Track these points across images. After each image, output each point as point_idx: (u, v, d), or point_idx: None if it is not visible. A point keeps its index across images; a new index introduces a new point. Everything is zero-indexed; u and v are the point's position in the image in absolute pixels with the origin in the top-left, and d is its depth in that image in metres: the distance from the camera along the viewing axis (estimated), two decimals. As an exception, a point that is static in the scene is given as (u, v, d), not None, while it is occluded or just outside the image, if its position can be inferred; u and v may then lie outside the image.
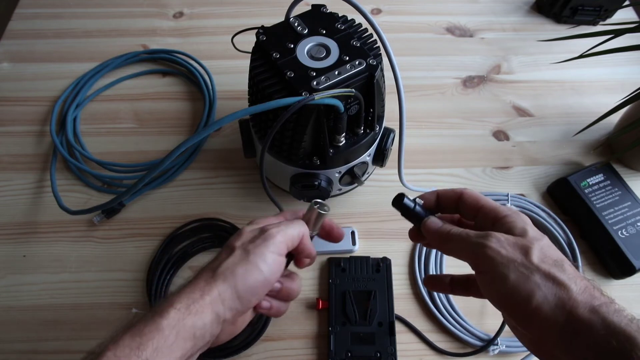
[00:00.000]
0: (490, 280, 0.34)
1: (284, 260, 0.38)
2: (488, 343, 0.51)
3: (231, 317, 0.35)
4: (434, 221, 0.39)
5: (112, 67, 0.74)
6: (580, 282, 0.32)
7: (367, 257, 0.56)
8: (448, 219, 0.40)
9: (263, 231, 0.37)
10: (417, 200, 0.40)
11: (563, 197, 0.62)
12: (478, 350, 0.52)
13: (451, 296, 0.55)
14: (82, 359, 0.31)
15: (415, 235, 0.41)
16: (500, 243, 0.34)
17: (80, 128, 0.68)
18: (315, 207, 0.41)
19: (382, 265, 0.56)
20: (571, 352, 0.30)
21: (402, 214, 0.40)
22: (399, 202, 0.40)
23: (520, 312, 0.32)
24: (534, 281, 0.32)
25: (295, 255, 0.41)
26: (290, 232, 0.38)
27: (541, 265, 0.32)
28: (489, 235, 0.34)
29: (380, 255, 0.57)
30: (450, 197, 0.39)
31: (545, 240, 0.35)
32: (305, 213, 0.42)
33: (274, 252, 0.36)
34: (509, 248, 0.33)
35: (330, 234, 0.44)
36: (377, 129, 0.54)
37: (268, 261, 0.36)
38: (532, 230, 0.35)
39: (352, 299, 0.53)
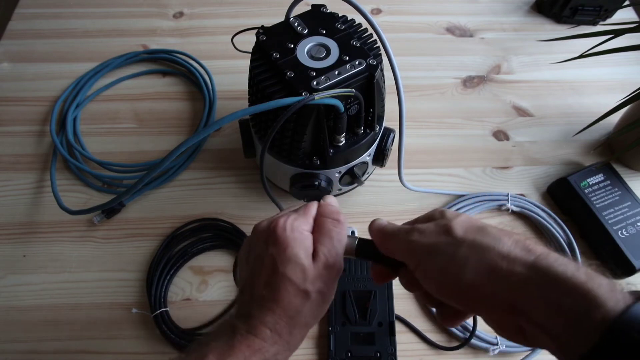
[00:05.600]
0: (423, 274, 0.32)
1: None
2: (470, 335, 0.51)
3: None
4: (380, 222, 0.37)
5: (112, 67, 0.74)
6: (508, 240, 0.29)
7: (367, 257, 0.56)
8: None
9: (328, 267, 0.35)
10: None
11: (563, 197, 0.62)
12: (462, 344, 0.51)
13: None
14: None
15: (382, 274, 0.38)
16: (422, 233, 0.32)
17: (80, 128, 0.68)
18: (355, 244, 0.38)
19: (382, 265, 0.56)
20: (530, 319, 0.27)
21: (374, 261, 0.37)
22: (369, 251, 0.37)
23: (457, 294, 0.30)
24: (460, 256, 0.29)
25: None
26: (337, 246, 0.36)
27: (466, 236, 0.30)
28: (412, 229, 0.33)
29: (380, 255, 0.57)
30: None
31: (464, 215, 0.33)
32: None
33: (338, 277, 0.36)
34: (431, 234, 0.32)
35: None
36: (377, 129, 0.54)
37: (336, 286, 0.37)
38: (450, 211, 0.34)
39: (352, 299, 0.53)
